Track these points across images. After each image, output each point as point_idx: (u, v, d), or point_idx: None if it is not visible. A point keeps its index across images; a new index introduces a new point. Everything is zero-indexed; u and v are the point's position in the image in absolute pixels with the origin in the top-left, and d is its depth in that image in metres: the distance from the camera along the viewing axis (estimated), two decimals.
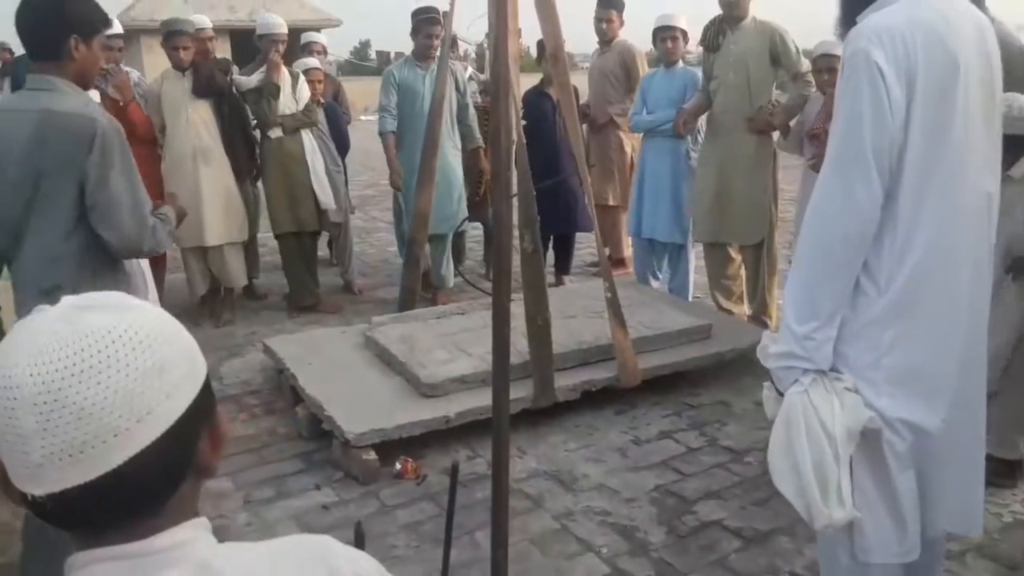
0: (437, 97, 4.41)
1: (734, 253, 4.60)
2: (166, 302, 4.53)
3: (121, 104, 4.41)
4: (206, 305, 4.97)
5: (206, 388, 0.74)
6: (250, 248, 5.22)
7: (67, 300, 0.70)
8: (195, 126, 4.59)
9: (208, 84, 4.59)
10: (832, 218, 1.63)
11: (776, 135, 4.43)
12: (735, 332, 4.08)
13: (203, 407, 0.73)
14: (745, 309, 4.69)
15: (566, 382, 3.46)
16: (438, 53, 3.39)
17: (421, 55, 4.95)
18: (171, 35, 4.52)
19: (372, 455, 3.02)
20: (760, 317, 4.52)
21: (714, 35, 4.38)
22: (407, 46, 5.23)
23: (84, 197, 2.02)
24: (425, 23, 4.86)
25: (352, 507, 2.86)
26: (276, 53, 4.71)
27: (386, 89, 4.96)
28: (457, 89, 5.00)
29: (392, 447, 3.09)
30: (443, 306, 4.55)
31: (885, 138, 1.57)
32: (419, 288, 4.60)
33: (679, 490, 2.95)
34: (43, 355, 0.64)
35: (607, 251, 4.32)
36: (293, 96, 4.82)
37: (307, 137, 4.86)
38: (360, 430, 3.02)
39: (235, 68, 5.02)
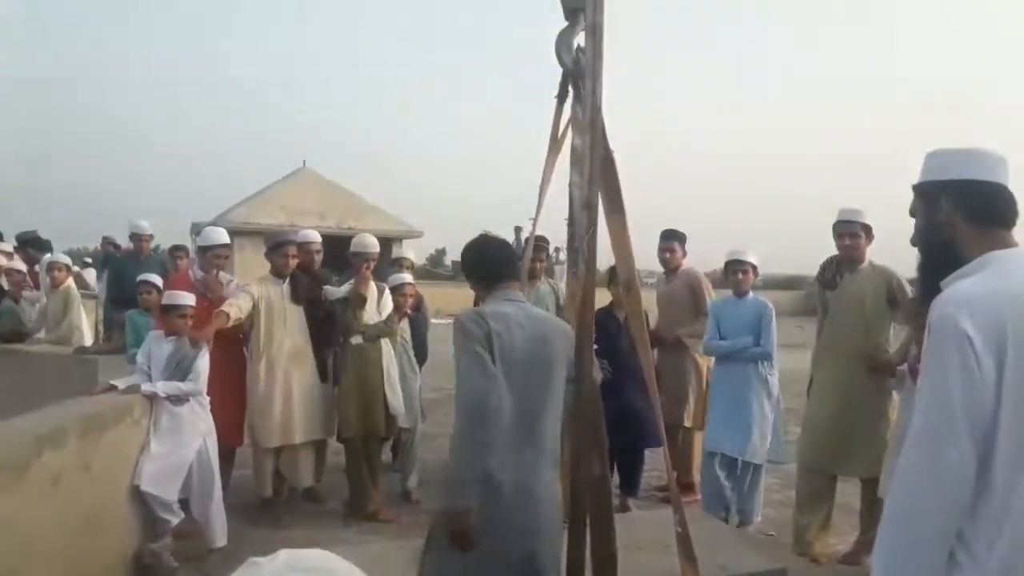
0: None
1: (827, 484, 4.49)
2: (228, 497, 4.56)
3: (212, 303, 4.78)
4: (267, 506, 4.97)
5: None
6: (319, 449, 5.30)
7: (283, 557, 0.77)
8: (292, 330, 4.94)
9: (308, 292, 4.98)
10: (922, 484, 1.56)
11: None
12: None
13: None
14: (825, 545, 4.50)
15: None
16: (542, 272, 3.93)
17: (528, 275, 5.45)
18: (280, 245, 5.00)
19: None
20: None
21: (832, 275, 4.56)
22: None
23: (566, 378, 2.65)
24: (535, 248, 5.45)
25: None
26: (367, 269, 5.11)
27: None
28: (558, 306, 5.43)
29: None
30: None
31: (976, 403, 1.54)
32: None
33: None
34: None
35: (675, 474, 4.23)
36: (377, 308, 5.15)
37: (386, 345, 5.11)
38: None
39: (335, 279, 5.43)
